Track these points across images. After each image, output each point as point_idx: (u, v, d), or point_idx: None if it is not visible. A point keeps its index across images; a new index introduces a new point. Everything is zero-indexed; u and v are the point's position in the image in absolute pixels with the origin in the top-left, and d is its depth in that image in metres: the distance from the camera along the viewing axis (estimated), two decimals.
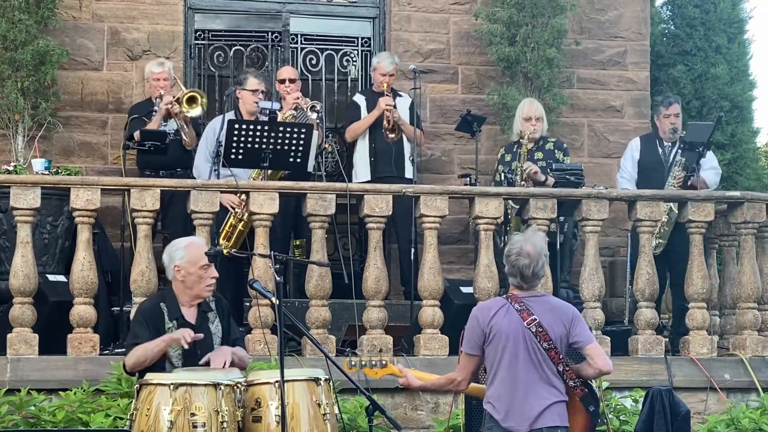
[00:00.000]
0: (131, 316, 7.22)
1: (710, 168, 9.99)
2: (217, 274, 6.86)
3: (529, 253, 6.31)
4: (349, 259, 9.56)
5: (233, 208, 9.09)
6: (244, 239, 9.19)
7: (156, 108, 9.73)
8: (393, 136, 10.12)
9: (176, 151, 9.74)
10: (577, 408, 6.38)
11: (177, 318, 6.63)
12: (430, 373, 8.24)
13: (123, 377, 7.78)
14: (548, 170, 9.77)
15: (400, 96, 10.31)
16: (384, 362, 6.69)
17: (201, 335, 6.63)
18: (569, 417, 6.32)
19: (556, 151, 10.00)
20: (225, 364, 6.67)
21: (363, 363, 6.67)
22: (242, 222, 9.19)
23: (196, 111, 9.68)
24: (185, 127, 9.73)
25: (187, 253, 6.71)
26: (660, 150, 10.12)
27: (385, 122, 10.10)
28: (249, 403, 6.51)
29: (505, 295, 6.43)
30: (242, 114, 9.57)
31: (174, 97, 9.68)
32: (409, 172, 10.13)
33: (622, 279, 10.40)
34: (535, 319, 6.25)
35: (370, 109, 10.26)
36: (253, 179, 9.19)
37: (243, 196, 9.08)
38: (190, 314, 6.69)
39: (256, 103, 9.45)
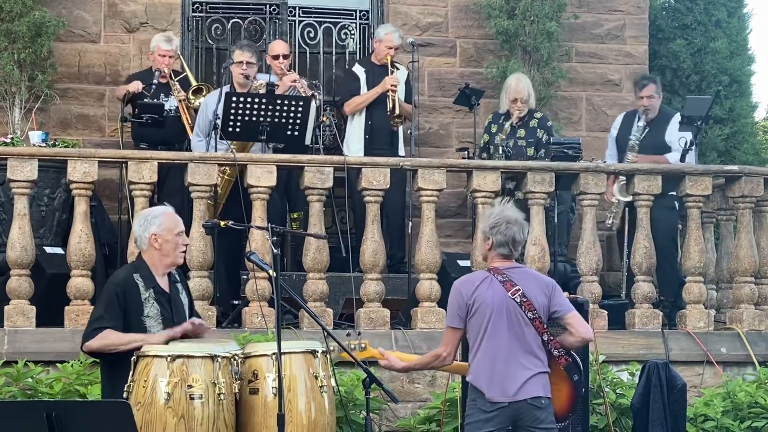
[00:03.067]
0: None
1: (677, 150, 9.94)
2: (188, 241, 6.89)
3: (516, 220, 6.38)
4: (347, 232, 9.55)
5: None
6: (227, 210, 9.14)
7: (156, 81, 9.69)
8: (399, 120, 10.06)
9: (174, 126, 9.72)
10: (562, 378, 6.39)
11: (153, 287, 6.61)
12: (429, 347, 8.31)
13: None
14: (532, 147, 9.75)
15: (398, 69, 10.26)
16: (363, 345, 6.70)
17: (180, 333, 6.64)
18: (553, 387, 6.34)
19: (538, 129, 9.94)
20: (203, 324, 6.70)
21: (341, 348, 6.69)
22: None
23: (199, 100, 9.67)
24: (187, 112, 9.72)
25: (164, 221, 6.69)
26: (634, 129, 10.11)
27: (389, 104, 10.00)
28: (246, 375, 6.51)
29: (486, 268, 6.44)
30: (235, 87, 9.53)
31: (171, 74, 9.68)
32: (401, 151, 10.10)
33: (619, 253, 10.40)
34: (519, 290, 6.28)
35: (369, 81, 10.18)
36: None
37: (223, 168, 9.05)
38: (163, 283, 6.67)
39: (242, 74, 9.37)
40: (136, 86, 9.70)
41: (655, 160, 9.73)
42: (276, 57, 9.93)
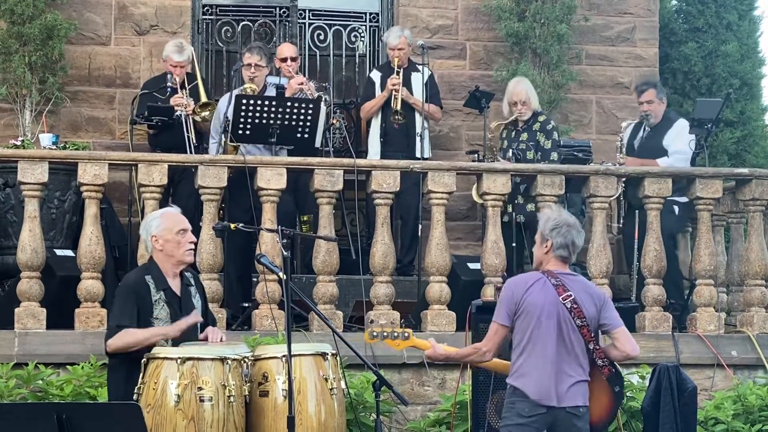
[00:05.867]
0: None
1: (675, 152, 9.88)
2: (195, 239, 6.89)
3: (575, 225, 6.42)
4: (357, 234, 9.55)
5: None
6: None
7: (170, 84, 9.68)
8: (399, 118, 10.11)
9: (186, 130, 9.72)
10: (602, 387, 6.39)
11: (164, 289, 6.63)
12: None
13: None
14: (532, 150, 9.76)
15: (417, 71, 10.26)
16: (407, 334, 6.68)
17: (199, 318, 6.67)
18: (593, 396, 6.34)
19: (539, 133, 9.91)
20: (222, 338, 6.72)
21: (385, 334, 6.66)
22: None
23: (206, 113, 9.67)
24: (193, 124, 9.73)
25: (162, 222, 6.75)
26: (640, 134, 10.10)
27: (392, 103, 10.08)
28: (256, 377, 6.52)
29: (541, 270, 6.43)
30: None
31: (192, 104, 9.67)
32: (418, 152, 10.10)
33: (626, 258, 10.38)
34: (571, 295, 6.27)
35: (383, 85, 10.24)
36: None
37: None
38: (174, 286, 6.70)
39: (249, 77, 9.41)
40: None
41: (643, 163, 9.69)
42: (284, 60, 9.95)
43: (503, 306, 6.38)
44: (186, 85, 9.80)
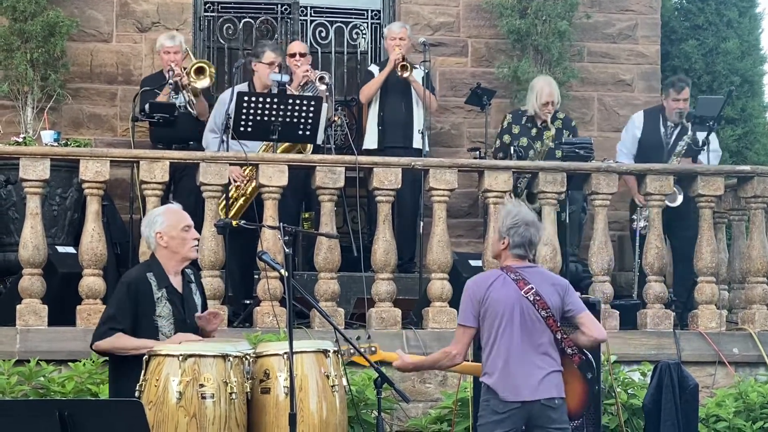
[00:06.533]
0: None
1: (712, 151, 9.91)
2: (198, 235, 6.87)
3: (534, 222, 6.41)
4: (358, 232, 9.56)
5: (235, 181, 9.08)
6: (244, 212, 9.16)
7: (170, 81, 9.69)
8: (405, 74, 10.06)
9: (187, 124, 9.70)
10: (575, 376, 6.40)
11: (166, 286, 6.61)
12: (440, 347, 8.29)
13: None
14: (560, 150, 9.76)
15: (415, 68, 10.26)
16: (374, 349, 6.73)
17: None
18: (567, 385, 6.34)
19: (564, 131, 9.98)
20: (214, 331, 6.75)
21: (352, 351, 6.69)
22: (243, 197, 9.16)
23: (204, 82, 9.63)
24: (195, 98, 9.69)
25: (166, 219, 6.71)
26: (662, 130, 10.07)
27: (397, 59, 10.06)
28: (258, 374, 6.52)
29: (500, 267, 6.44)
30: (256, 87, 9.53)
31: (183, 69, 9.66)
32: (417, 143, 10.10)
33: (631, 253, 10.39)
34: (532, 288, 6.28)
35: None
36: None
37: (248, 171, 9.07)
38: (176, 283, 6.67)
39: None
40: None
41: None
42: (293, 55, 9.96)
43: (467, 307, 6.39)
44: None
